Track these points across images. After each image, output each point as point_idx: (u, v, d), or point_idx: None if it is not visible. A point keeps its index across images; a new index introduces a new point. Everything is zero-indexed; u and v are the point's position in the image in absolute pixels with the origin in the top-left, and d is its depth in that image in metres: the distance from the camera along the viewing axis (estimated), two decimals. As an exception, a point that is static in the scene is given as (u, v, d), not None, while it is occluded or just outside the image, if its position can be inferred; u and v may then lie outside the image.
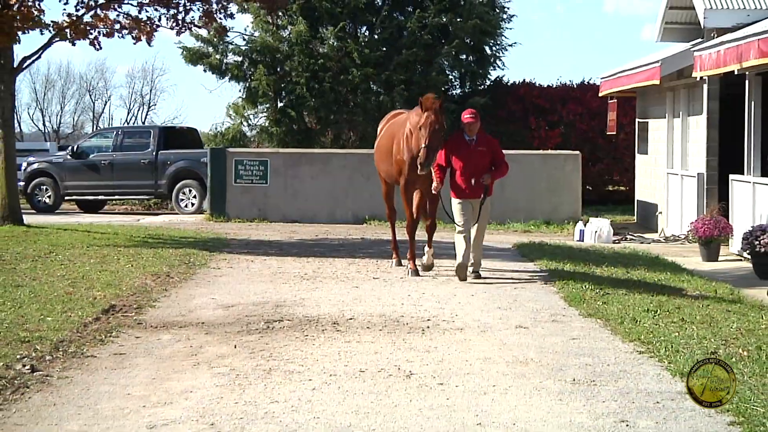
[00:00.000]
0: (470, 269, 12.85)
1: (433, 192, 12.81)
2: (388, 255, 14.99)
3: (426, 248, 13.38)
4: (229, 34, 23.54)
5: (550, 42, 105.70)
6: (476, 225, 12.79)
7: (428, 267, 13.30)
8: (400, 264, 13.83)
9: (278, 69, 29.07)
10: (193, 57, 29.41)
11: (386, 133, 13.62)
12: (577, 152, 23.71)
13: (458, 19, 28.74)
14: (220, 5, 19.33)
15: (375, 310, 11.13)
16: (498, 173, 12.92)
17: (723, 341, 9.55)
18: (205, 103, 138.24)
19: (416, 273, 13.14)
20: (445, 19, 28.42)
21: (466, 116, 12.78)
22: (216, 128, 31.90)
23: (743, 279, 14.45)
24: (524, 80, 30.66)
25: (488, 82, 30.14)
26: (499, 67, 30.62)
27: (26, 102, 73.14)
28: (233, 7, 19.93)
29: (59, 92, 77.33)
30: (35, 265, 14.24)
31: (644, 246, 19.07)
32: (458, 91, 30.63)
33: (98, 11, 18.79)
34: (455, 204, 12.74)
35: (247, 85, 29.67)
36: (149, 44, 19.40)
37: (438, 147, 12.31)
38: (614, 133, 26.28)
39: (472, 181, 12.59)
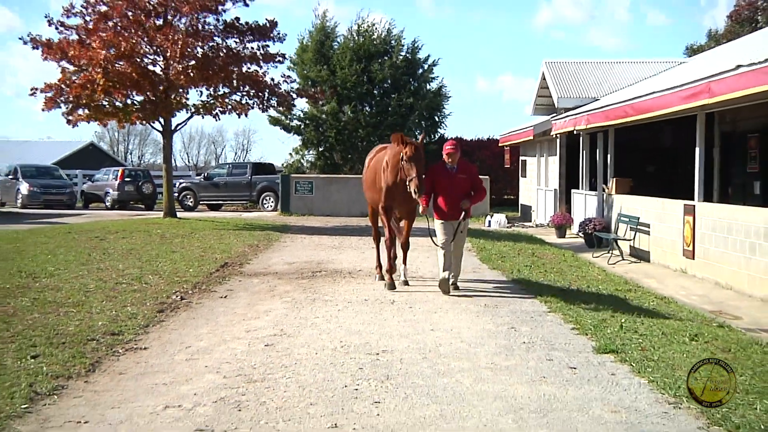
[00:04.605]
0: (451, 280, 8.76)
1: (421, 213, 8.74)
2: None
3: (402, 265, 9.42)
4: (294, 109, 23.71)
5: (473, 112, 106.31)
6: (459, 244, 8.85)
7: (404, 282, 9.20)
8: (383, 278, 9.39)
9: (320, 128, 29.01)
10: (274, 121, 29.37)
11: (371, 167, 9.75)
12: (487, 176, 23.64)
13: (419, 101, 28.65)
14: (286, 98, 19.35)
15: (373, 265, 11.04)
16: (476, 198, 8.78)
17: (568, 283, 9.60)
18: (276, 149, 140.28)
19: (392, 287, 8.88)
20: (411, 101, 28.37)
21: (448, 147, 8.75)
22: (285, 163, 31.96)
23: (579, 248, 14.54)
24: (457, 136, 30.66)
25: (437, 137, 30.02)
26: (442, 128, 30.44)
27: (179, 149, 75.07)
28: (294, 100, 20.03)
29: (197, 143, 79.06)
30: (183, 240, 14.26)
31: (524, 230, 19.13)
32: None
33: (218, 99, 18.80)
34: (438, 224, 8.72)
35: (303, 138, 29.64)
36: (246, 116, 19.49)
37: (423, 173, 8.40)
38: (509, 166, 26.63)
39: (453, 205, 8.63)
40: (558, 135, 18.44)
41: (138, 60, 17.62)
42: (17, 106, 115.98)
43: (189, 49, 17.41)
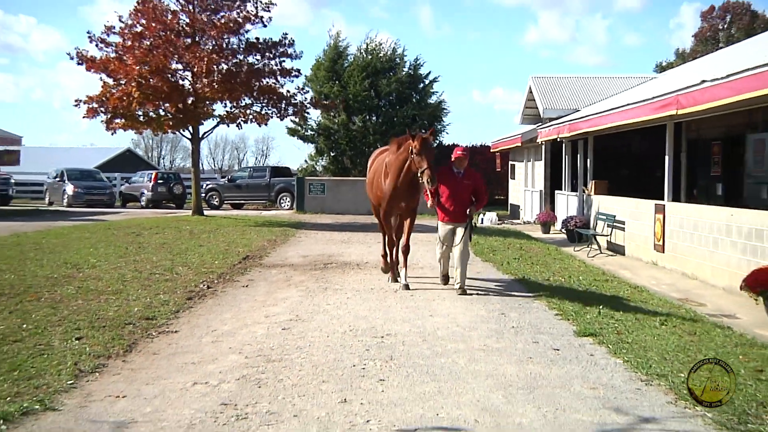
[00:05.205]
0: (457, 286, 7.90)
1: (429, 207, 8.00)
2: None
3: (401, 268, 8.40)
4: (309, 120, 23.68)
5: (467, 120, 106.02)
6: (460, 249, 7.86)
7: (404, 287, 8.11)
8: (387, 270, 8.94)
9: (332, 137, 29.00)
10: (292, 132, 29.42)
11: (372, 170, 8.96)
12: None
13: (422, 112, 28.61)
14: (302, 109, 19.32)
15: (378, 257, 11.01)
16: (480, 204, 8.08)
17: (552, 273, 9.57)
18: (292, 154, 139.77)
19: (395, 280, 8.53)
20: (415, 112, 28.34)
21: (459, 152, 8.15)
22: (300, 167, 31.93)
23: (562, 242, 14.48)
24: (454, 143, 30.57)
25: (436, 144, 29.95)
26: (442, 136, 30.44)
27: (206, 154, 75.01)
28: (309, 110, 20.02)
29: (221, 149, 79.06)
30: (209, 235, 14.26)
31: (513, 226, 19.04)
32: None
33: (241, 110, 18.79)
34: (441, 225, 8.12)
35: (316, 145, 29.62)
36: (266, 125, 19.45)
37: (433, 163, 7.59)
38: (499, 170, 26.47)
39: (455, 208, 7.94)
40: (543, 142, 18.39)
41: (168, 75, 17.66)
42: (63, 117, 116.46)
43: (214, 66, 17.43)
